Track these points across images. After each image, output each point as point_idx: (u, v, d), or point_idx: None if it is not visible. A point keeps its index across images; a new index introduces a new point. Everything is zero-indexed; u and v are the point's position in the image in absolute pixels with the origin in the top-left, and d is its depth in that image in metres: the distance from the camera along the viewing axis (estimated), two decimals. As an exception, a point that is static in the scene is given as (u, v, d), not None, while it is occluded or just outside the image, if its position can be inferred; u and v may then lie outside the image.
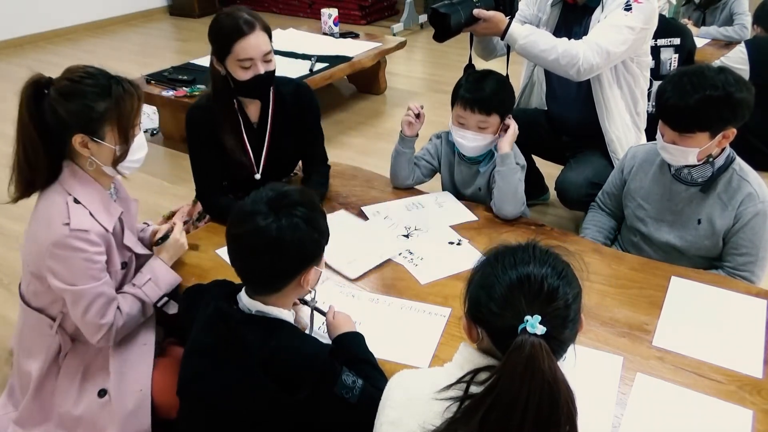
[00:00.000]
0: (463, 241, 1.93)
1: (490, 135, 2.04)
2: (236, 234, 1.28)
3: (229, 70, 1.89)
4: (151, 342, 1.67)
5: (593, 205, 2.21)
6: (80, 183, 1.55)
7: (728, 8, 4.08)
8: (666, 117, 1.76)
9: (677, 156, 1.78)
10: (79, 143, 1.50)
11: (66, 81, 1.48)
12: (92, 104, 1.46)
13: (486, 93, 2.01)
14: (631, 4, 2.11)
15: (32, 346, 1.64)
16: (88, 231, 1.50)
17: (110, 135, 1.51)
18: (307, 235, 1.27)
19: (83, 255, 1.49)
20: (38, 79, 1.47)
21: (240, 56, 1.84)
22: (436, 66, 5.57)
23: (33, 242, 1.53)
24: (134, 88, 1.53)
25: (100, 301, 1.53)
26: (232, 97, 1.97)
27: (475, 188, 2.18)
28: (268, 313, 1.31)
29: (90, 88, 1.47)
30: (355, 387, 1.26)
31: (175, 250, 1.77)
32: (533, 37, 2.11)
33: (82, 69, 1.50)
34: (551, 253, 1.01)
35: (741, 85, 1.69)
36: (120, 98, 1.49)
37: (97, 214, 1.54)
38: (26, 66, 5.75)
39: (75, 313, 1.54)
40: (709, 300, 1.65)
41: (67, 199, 1.51)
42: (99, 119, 1.48)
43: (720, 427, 1.30)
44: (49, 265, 1.49)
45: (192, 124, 2.03)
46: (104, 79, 1.49)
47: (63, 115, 1.46)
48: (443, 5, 2.01)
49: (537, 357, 0.89)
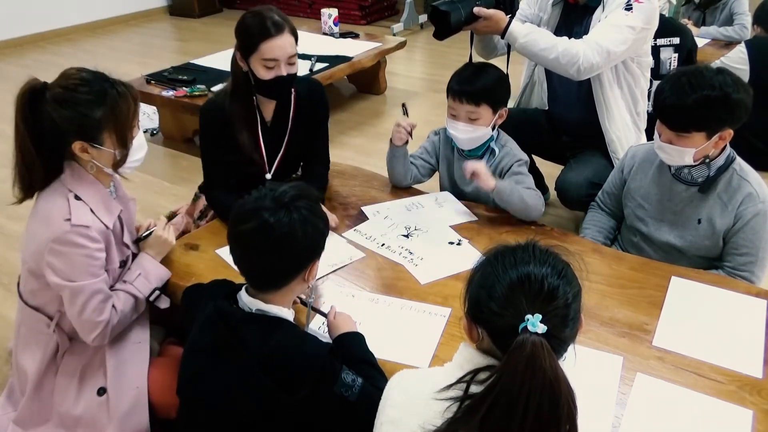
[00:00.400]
0: (463, 241, 1.93)
1: (482, 126, 2.03)
2: (243, 231, 1.27)
3: (252, 67, 1.89)
4: (145, 340, 1.67)
5: (593, 205, 2.21)
6: (81, 181, 1.55)
7: (728, 8, 4.08)
8: (663, 116, 1.76)
9: (674, 156, 1.78)
10: (79, 149, 1.51)
11: (60, 89, 1.47)
12: (88, 112, 1.47)
13: (474, 84, 2.01)
14: (631, 3, 2.11)
15: (30, 345, 1.65)
16: (89, 227, 1.50)
17: (109, 140, 1.52)
18: (316, 227, 1.30)
19: (84, 251, 1.50)
20: (34, 84, 1.48)
21: (265, 56, 1.85)
22: (436, 66, 5.57)
23: (32, 239, 1.53)
24: (129, 91, 1.53)
25: (97, 297, 1.53)
26: (251, 95, 1.98)
27: (475, 186, 2.17)
28: (268, 311, 1.31)
29: (85, 96, 1.47)
30: (354, 385, 1.26)
31: (160, 246, 1.76)
32: (533, 35, 2.11)
33: (77, 75, 1.50)
34: (551, 253, 1.01)
35: (739, 86, 1.69)
36: (115, 104, 1.49)
37: (97, 210, 1.55)
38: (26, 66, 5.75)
39: (72, 311, 1.54)
40: (709, 300, 1.65)
41: (68, 195, 1.52)
42: (96, 126, 1.49)
43: (720, 427, 1.30)
44: (48, 260, 1.49)
45: (206, 117, 2.04)
46: (98, 85, 1.49)
47: (60, 123, 1.46)
48: (444, 3, 2.00)
49: (538, 355, 0.89)
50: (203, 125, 2.05)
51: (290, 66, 1.90)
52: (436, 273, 1.78)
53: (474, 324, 1.02)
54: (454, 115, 2.06)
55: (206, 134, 2.06)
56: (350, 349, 1.43)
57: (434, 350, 1.50)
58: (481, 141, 2.09)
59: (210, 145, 2.07)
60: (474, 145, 2.11)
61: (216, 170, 2.08)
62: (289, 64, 1.89)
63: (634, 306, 1.63)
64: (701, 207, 1.85)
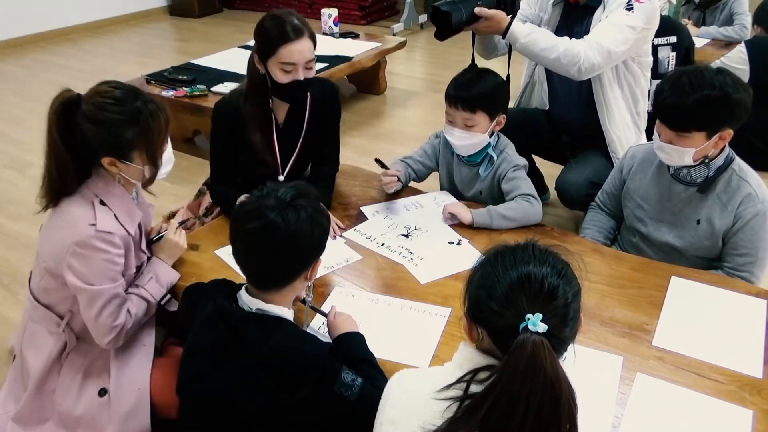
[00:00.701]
0: (463, 240, 1.93)
1: (478, 133, 2.03)
2: (248, 230, 1.27)
3: (270, 70, 1.90)
4: (150, 342, 1.68)
5: (593, 205, 2.21)
6: (107, 187, 1.57)
7: (728, 8, 4.09)
8: (663, 116, 1.76)
9: (673, 156, 1.78)
10: (108, 163, 1.53)
11: (94, 107, 1.48)
12: (119, 132, 1.48)
13: (470, 90, 2.00)
14: (632, 3, 2.11)
15: (36, 343, 1.65)
16: (113, 233, 1.53)
17: (139, 158, 1.54)
18: (321, 225, 1.31)
19: (105, 256, 1.51)
20: (68, 97, 1.48)
21: (283, 59, 1.86)
22: (436, 66, 5.57)
23: (53, 239, 1.54)
24: (161, 111, 1.54)
25: (115, 302, 1.55)
26: (267, 97, 1.99)
27: (475, 192, 2.17)
28: (269, 311, 1.31)
29: (118, 116, 1.48)
30: (354, 385, 1.26)
31: (171, 249, 1.78)
32: (534, 35, 2.11)
33: (110, 93, 1.50)
34: (550, 253, 1.02)
35: (739, 86, 1.69)
36: (147, 125, 1.51)
37: (121, 217, 1.57)
38: (26, 66, 5.76)
39: (89, 314, 1.55)
40: (709, 300, 1.65)
41: (93, 200, 1.54)
42: (127, 145, 1.51)
43: (720, 427, 1.30)
44: (69, 262, 1.50)
45: (218, 115, 2.05)
46: (131, 104, 1.49)
47: (91, 139, 1.48)
48: (445, 3, 2.00)
49: (539, 355, 0.89)
50: (215, 122, 2.06)
51: (308, 70, 1.91)
52: (436, 273, 1.78)
53: (474, 324, 1.02)
54: (450, 122, 2.06)
55: (217, 132, 2.07)
56: (350, 348, 1.43)
57: (434, 350, 1.50)
58: (478, 147, 2.09)
59: (220, 142, 2.07)
60: (471, 152, 2.11)
61: (223, 167, 2.09)
62: (306, 69, 1.90)
63: (634, 306, 1.63)
64: (700, 207, 1.85)
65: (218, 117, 2.05)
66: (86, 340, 1.64)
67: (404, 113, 4.59)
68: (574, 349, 1.01)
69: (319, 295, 1.69)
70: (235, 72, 3.92)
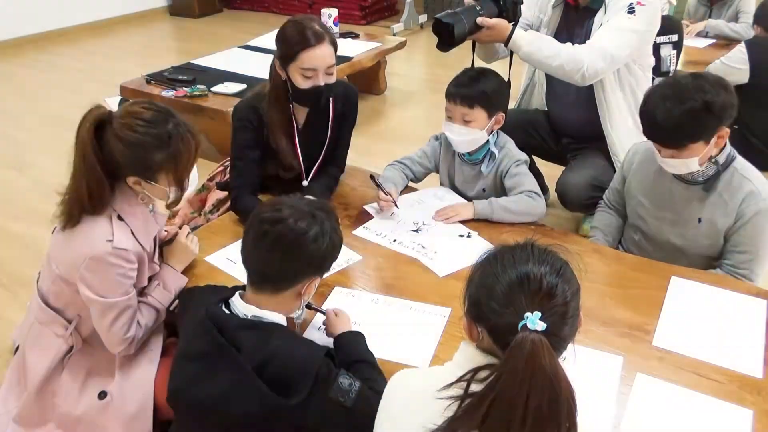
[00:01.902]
0: (472, 233, 1.94)
1: (476, 130, 2.03)
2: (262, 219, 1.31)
3: (290, 75, 1.91)
4: (158, 347, 1.67)
5: (601, 204, 2.20)
6: (127, 202, 1.56)
7: (735, 6, 4.11)
8: (655, 138, 1.77)
9: (679, 167, 1.78)
10: (133, 182, 1.52)
11: (124, 127, 1.46)
12: (147, 155, 1.48)
13: (469, 86, 2.02)
14: (634, 6, 2.10)
15: (41, 344, 1.65)
16: (128, 250, 1.52)
17: (164, 179, 1.54)
18: (331, 241, 1.34)
19: (119, 270, 1.51)
20: (99, 115, 1.46)
21: (304, 65, 1.87)
22: (436, 66, 5.57)
23: (68, 250, 1.53)
24: (192, 136, 1.53)
25: (127, 314, 1.55)
26: (289, 102, 2.00)
27: (478, 189, 2.17)
28: (263, 317, 1.31)
29: (150, 139, 1.47)
30: (351, 390, 1.25)
31: (183, 254, 1.77)
32: (537, 43, 2.10)
33: (141, 115, 1.48)
34: (549, 252, 1.02)
35: (719, 87, 1.67)
36: (177, 150, 1.50)
37: (137, 233, 1.57)
38: (26, 66, 5.76)
39: (101, 324, 1.55)
40: (709, 300, 1.65)
41: (111, 214, 1.53)
42: (155, 168, 1.50)
43: (720, 427, 1.30)
44: (83, 274, 1.50)
45: (240, 119, 2.04)
46: (163, 127, 1.48)
47: (120, 159, 1.48)
48: (446, 15, 2.00)
49: (538, 353, 0.89)
50: (237, 126, 2.06)
51: (328, 76, 1.92)
52: (452, 265, 1.79)
53: (474, 323, 1.03)
54: (449, 117, 2.07)
55: (240, 135, 2.05)
56: (350, 349, 1.43)
57: (434, 350, 1.50)
58: (477, 144, 2.09)
59: (242, 146, 2.06)
60: (470, 148, 2.11)
61: (245, 171, 2.06)
62: (327, 74, 1.91)
63: (634, 306, 1.63)
64: (702, 206, 1.84)
65: (239, 120, 2.04)
66: (91, 344, 1.64)
67: (404, 113, 4.59)
68: (574, 348, 1.02)
69: (320, 295, 1.69)
70: (235, 72, 3.92)
